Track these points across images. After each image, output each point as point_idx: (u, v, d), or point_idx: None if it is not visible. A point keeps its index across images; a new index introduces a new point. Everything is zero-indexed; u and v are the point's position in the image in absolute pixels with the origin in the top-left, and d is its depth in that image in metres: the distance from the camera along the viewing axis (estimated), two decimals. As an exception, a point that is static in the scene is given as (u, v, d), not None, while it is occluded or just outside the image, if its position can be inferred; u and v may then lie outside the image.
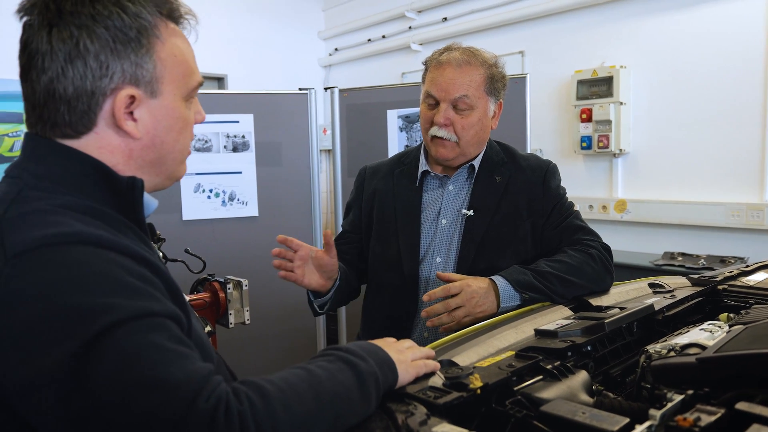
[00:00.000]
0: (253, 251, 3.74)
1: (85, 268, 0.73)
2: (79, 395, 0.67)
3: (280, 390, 0.74)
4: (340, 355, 0.86)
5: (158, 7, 0.89)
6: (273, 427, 0.70)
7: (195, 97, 0.99)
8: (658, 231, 3.67)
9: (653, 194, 3.69)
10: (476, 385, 0.93)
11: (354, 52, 5.76)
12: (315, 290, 1.61)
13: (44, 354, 0.68)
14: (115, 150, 0.89)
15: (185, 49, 0.94)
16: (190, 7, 0.97)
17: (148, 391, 0.67)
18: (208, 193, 3.69)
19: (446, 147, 1.64)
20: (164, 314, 0.76)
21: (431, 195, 1.73)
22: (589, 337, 1.18)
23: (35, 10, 0.85)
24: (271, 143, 3.78)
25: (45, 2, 0.84)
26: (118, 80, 0.85)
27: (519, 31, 4.35)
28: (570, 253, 1.57)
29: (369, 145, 3.79)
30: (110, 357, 0.68)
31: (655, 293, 1.53)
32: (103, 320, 0.69)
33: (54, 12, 0.83)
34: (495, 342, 1.19)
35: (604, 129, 3.74)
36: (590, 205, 3.92)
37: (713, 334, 1.11)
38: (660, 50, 3.61)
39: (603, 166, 3.93)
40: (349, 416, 0.80)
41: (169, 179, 0.99)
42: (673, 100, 3.58)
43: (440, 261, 1.66)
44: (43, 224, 0.76)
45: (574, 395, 0.99)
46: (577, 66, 3.91)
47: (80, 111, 0.85)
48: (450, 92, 1.61)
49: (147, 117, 0.89)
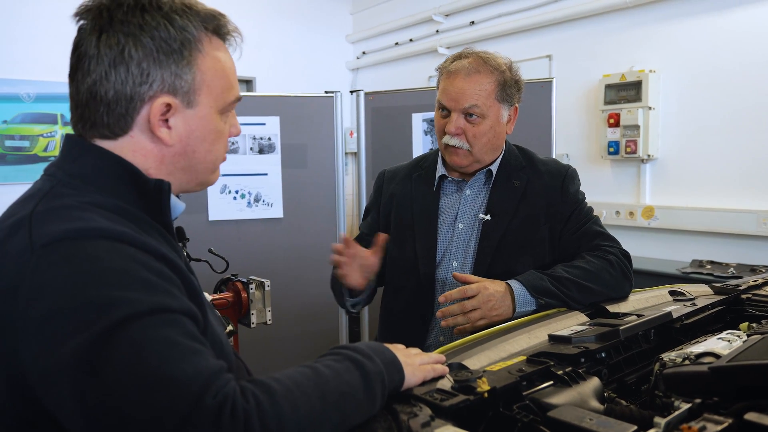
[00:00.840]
0: (277, 252, 3.78)
1: (105, 263, 0.76)
2: (91, 386, 0.69)
3: (286, 389, 0.75)
4: (347, 354, 0.87)
5: (204, 23, 0.93)
6: (279, 425, 0.71)
7: (232, 111, 1.02)
8: (686, 238, 3.60)
9: (682, 201, 3.62)
10: (483, 388, 0.92)
11: (381, 56, 5.78)
12: (353, 288, 1.63)
13: (62, 344, 0.71)
14: (148, 154, 0.92)
15: (227, 65, 0.97)
16: (236, 25, 1.01)
17: (158, 385, 0.69)
18: (234, 194, 3.74)
19: (459, 155, 1.64)
20: (179, 310, 0.78)
21: (449, 199, 1.73)
22: (603, 343, 1.16)
23: (90, 15, 0.89)
24: (297, 145, 3.82)
25: (99, 8, 0.89)
26: (157, 88, 0.89)
27: (547, 35, 4.32)
28: (588, 259, 1.56)
29: (394, 148, 3.80)
30: (123, 349, 0.70)
31: (676, 301, 1.50)
32: (119, 313, 0.72)
33: (106, 18, 0.87)
34: (507, 346, 1.18)
35: (632, 134, 3.68)
36: (617, 211, 3.86)
37: (731, 344, 1.09)
38: (691, 54, 3.55)
39: (630, 172, 3.87)
40: (354, 415, 0.80)
41: (200, 185, 1.02)
42: (703, 105, 3.51)
43: (456, 265, 1.65)
44: (69, 219, 0.80)
45: (584, 402, 0.98)
46: (606, 70, 3.86)
47: (118, 114, 0.89)
48: (460, 102, 1.61)
49: (181, 126, 0.92)
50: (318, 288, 3.90)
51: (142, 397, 0.68)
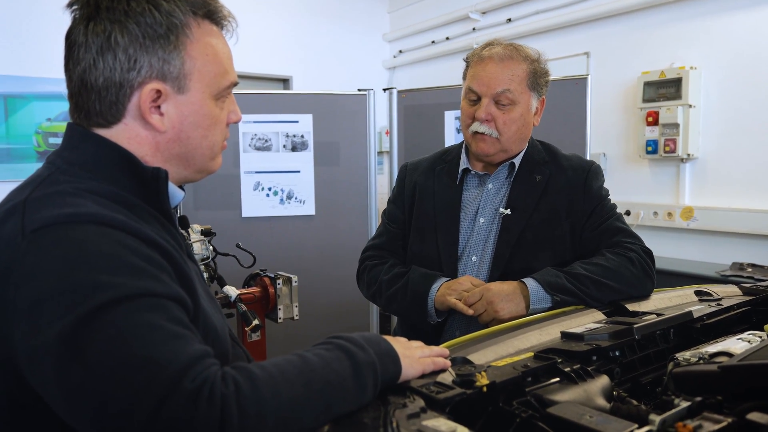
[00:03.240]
0: (308, 250, 3.80)
1: (92, 247, 0.77)
2: (73, 367, 0.70)
3: (269, 375, 0.75)
4: (339, 344, 0.86)
5: (193, 8, 0.93)
6: (258, 411, 0.71)
7: (230, 96, 1.02)
8: (726, 240, 3.47)
9: (722, 201, 3.50)
10: (482, 382, 0.91)
11: (418, 54, 5.76)
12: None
13: (48, 326, 0.72)
14: (142, 141, 0.93)
15: (219, 49, 0.97)
16: (230, 11, 1.00)
17: (136, 367, 0.69)
18: (267, 191, 3.77)
19: (487, 142, 1.61)
20: (166, 296, 0.78)
21: (471, 193, 1.71)
22: (617, 341, 1.13)
23: (79, 3, 0.91)
24: (330, 143, 3.83)
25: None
26: (146, 74, 0.89)
27: (584, 32, 4.23)
28: (608, 256, 1.52)
29: (426, 146, 3.76)
30: (105, 332, 0.71)
31: (701, 301, 1.45)
32: (103, 296, 0.73)
33: (93, 7, 0.89)
34: (516, 342, 1.16)
35: (671, 133, 3.58)
36: (655, 212, 3.76)
37: (750, 344, 1.04)
38: (733, 50, 3.43)
39: (669, 172, 3.76)
40: (341, 404, 0.80)
41: (199, 173, 1.02)
42: (745, 103, 3.38)
43: (476, 260, 1.63)
44: (61, 204, 0.81)
45: (590, 400, 0.95)
46: (644, 67, 3.76)
47: (109, 101, 0.90)
48: (492, 87, 1.58)
49: (173, 112, 0.93)
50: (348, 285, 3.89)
51: (120, 379, 0.69)
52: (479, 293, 1.46)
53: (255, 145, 3.61)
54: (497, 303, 1.44)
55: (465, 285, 1.53)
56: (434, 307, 1.57)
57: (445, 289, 1.56)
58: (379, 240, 1.81)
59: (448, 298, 1.53)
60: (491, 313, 1.44)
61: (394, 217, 1.81)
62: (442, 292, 1.55)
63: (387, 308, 1.72)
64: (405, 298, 1.62)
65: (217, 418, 0.68)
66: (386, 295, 1.67)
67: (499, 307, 1.44)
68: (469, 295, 1.47)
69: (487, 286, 1.47)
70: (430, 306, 1.58)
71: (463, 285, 1.53)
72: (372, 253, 1.80)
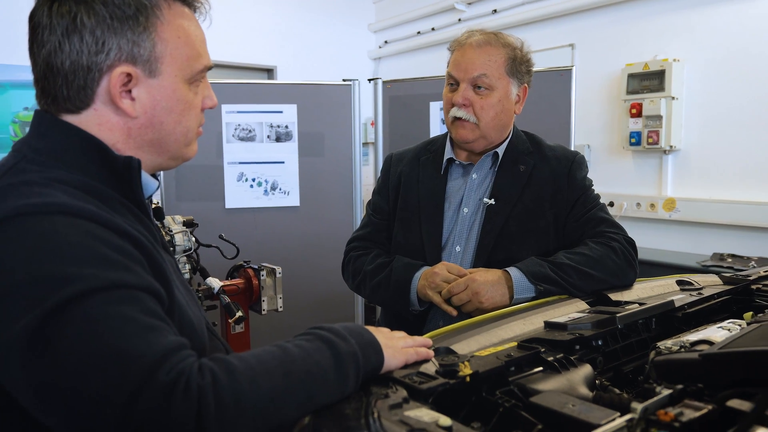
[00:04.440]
0: (293, 241, 3.78)
1: (60, 238, 0.74)
2: (42, 362, 0.68)
3: (248, 366, 0.74)
4: (320, 334, 0.85)
5: None
6: (236, 402, 0.70)
7: (204, 81, 0.99)
8: (708, 231, 3.51)
9: (704, 193, 3.53)
10: (465, 372, 0.90)
11: (403, 45, 5.74)
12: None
13: (14, 320, 0.70)
14: (113, 127, 0.90)
15: (192, 32, 0.94)
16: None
17: (109, 360, 0.67)
18: (251, 182, 3.74)
19: (466, 128, 1.62)
20: (138, 287, 0.76)
21: (455, 183, 1.71)
22: (599, 330, 1.13)
23: None
24: (314, 134, 3.81)
25: None
26: (115, 57, 0.86)
27: (569, 24, 4.24)
28: (591, 246, 1.52)
29: (411, 137, 3.75)
30: (76, 325, 0.69)
31: (682, 290, 1.46)
32: (72, 289, 0.70)
33: None
34: (500, 332, 1.16)
35: (654, 125, 3.60)
36: (638, 203, 3.78)
37: (730, 332, 1.05)
38: (716, 43, 3.45)
39: (652, 163, 3.79)
40: (322, 395, 0.78)
41: (174, 160, 0.99)
42: (727, 96, 3.41)
43: (459, 250, 1.63)
44: (28, 194, 0.78)
45: (573, 389, 0.95)
46: (628, 59, 3.78)
47: (77, 86, 0.87)
48: (469, 71, 1.59)
49: (145, 96, 0.90)
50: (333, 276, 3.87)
51: (92, 372, 0.67)
52: (464, 283, 1.46)
53: (239, 136, 3.58)
54: (482, 293, 1.44)
55: (441, 274, 1.53)
56: (417, 297, 1.57)
57: (423, 281, 1.56)
58: (364, 231, 1.80)
59: (429, 293, 1.53)
60: (476, 303, 1.44)
61: (378, 207, 1.80)
62: (422, 284, 1.55)
63: (371, 298, 1.72)
64: (388, 288, 1.61)
65: (193, 410, 0.67)
66: (370, 286, 1.66)
67: (483, 298, 1.44)
68: (454, 285, 1.47)
69: (472, 277, 1.47)
70: (412, 295, 1.58)
71: (439, 274, 1.53)
72: (357, 244, 1.79)
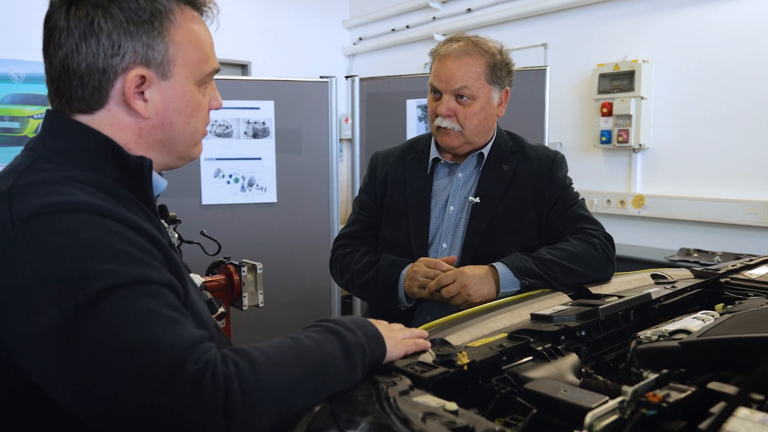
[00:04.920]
0: (270, 237, 3.80)
1: (86, 235, 0.77)
2: (73, 354, 0.71)
3: (267, 357, 0.78)
4: (329, 326, 0.90)
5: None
6: (259, 391, 0.74)
7: (211, 83, 1.02)
8: (675, 227, 3.64)
9: (671, 190, 3.66)
10: (463, 361, 0.96)
11: (378, 42, 5.78)
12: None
13: (45, 313, 0.72)
14: (126, 128, 0.93)
15: (202, 36, 0.97)
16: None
17: (138, 352, 0.70)
18: (228, 178, 3.75)
19: (451, 136, 1.67)
20: (160, 282, 0.79)
21: (441, 182, 1.76)
22: (583, 322, 1.20)
23: None
24: (291, 130, 3.83)
25: None
26: (130, 60, 0.89)
27: (542, 24, 4.34)
28: (572, 242, 1.59)
29: (388, 134, 3.81)
30: (105, 319, 0.72)
31: (657, 284, 1.54)
32: (100, 284, 0.73)
33: None
34: (490, 324, 1.22)
35: (624, 123, 3.72)
36: (608, 199, 3.90)
37: (704, 323, 1.12)
38: (683, 45, 3.57)
39: (622, 161, 3.91)
40: (334, 384, 0.83)
41: (181, 159, 1.02)
42: (694, 96, 3.54)
43: (446, 247, 1.69)
44: (49, 193, 0.81)
45: (561, 376, 1.01)
46: (600, 60, 3.89)
47: (92, 87, 0.89)
48: (450, 83, 1.64)
49: (157, 98, 0.93)
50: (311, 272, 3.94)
51: (123, 364, 0.70)
52: (453, 276, 1.52)
53: (215, 132, 3.58)
54: (471, 286, 1.49)
55: (421, 270, 1.58)
56: (404, 294, 1.63)
57: (407, 280, 1.61)
58: (351, 228, 1.84)
59: (415, 291, 1.59)
60: (464, 296, 1.49)
61: (365, 205, 1.84)
62: (407, 284, 1.61)
63: (360, 295, 1.76)
64: (376, 286, 1.66)
65: (221, 398, 0.70)
66: (358, 284, 1.71)
67: (472, 291, 1.49)
68: (443, 277, 1.52)
69: (461, 270, 1.53)
70: (400, 292, 1.63)
71: (419, 272, 1.59)
72: (344, 241, 1.83)
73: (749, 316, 1.00)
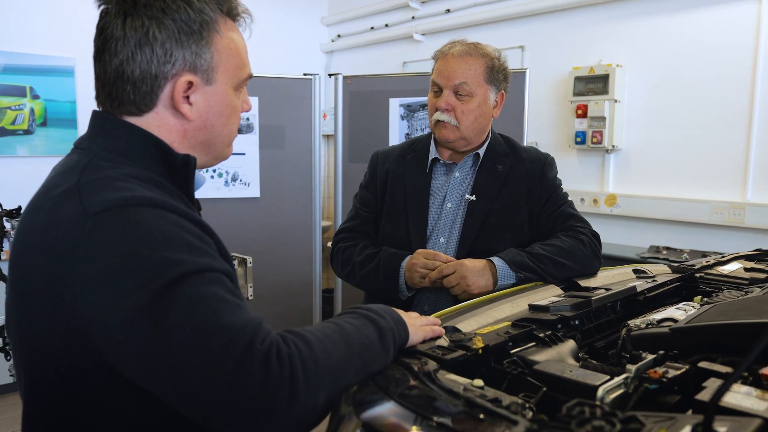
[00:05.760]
0: (253, 232, 3.86)
1: (155, 227, 0.85)
2: (154, 336, 0.78)
3: (319, 339, 0.87)
4: (363, 313, 1.00)
5: (219, 5, 1.01)
6: (315, 369, 0.82)
7: (244, 88, 1.10)
8: (645, 225, 3.81)
9: (642, 190, 3.83)
10: (478, 345, 1.06)
11: (356, 39, 5.84)
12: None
13: (122, 300, 0.80)
14: (171, 129, 1.00)
15: (239, 44, 1.06)
16: (246, 7, 1.09)
17: (214, 333, 0.78)
18: (212, 173, 3.79)
19: (447, 129, 1.78)
20: (221, 270, 0.88)
21: (439, 180, 1.86)
22: (577, 312, 1.31)
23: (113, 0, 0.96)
24: (275, 126, 3.89)
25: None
26: (179, 67, 0.97)
27: (520, 26, 4.46)
28: (562, 238, 1.71)
29: (370, 131, 3.90)
30: (181, 303, 0.80)
31: (639, 278, 1.67)
32: (174, 272, 0.81)
33: (130, 3, 0.95)
34: (493, 313, 1.33)
35: (598, 125, 3.87)
36: (582, 198, 4.05)
37: (686, 312, 1.24)
38: (655, 52, 3.74)
39: (596, 161, 4.07)
40: (373, 364, 0.93)
41: (216, 159, 1.10)
42: (664, 101, 3.71)
43: (443, 241, 1.79)
44: (116, 189, 0.88)
45: (562, 360, 1.12)
46: (575, 63, 4.03)
47: (144, 92, 0.97)
48: (451, 79, 1.75)
49: (201, 102, 1.01)
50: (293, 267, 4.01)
51: (200, 345, 0.78)
52: (453, 267, 1.62)
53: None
54: (470, 278, 1.60)
55: (419, 262, 1.69)
56: (405, 284, 1.73)
57: (407, 271, 1.71)
58: (352, 223, 1.94)
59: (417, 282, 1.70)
60: (463, 286, 1.60)
61: (366, 201, 1.94)
62: (408, 276, 1.71)
63: (361, 286, 1.86)
64: (378, 277, 1.76)
65: (287, 376, 0.78)
66: (360, 275, 1.80)
67: (471, 281, 1.60)
68: (444, 267, 1.63)
69: (461, 262, 1.64)
70: (401, 283, 1.73)
71: (417, 264, 1.69)
72: (345, 235, 1.92)
73: (729, 306, 1.12)
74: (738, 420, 0.65)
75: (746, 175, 3.39)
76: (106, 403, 0.88)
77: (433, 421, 0.77)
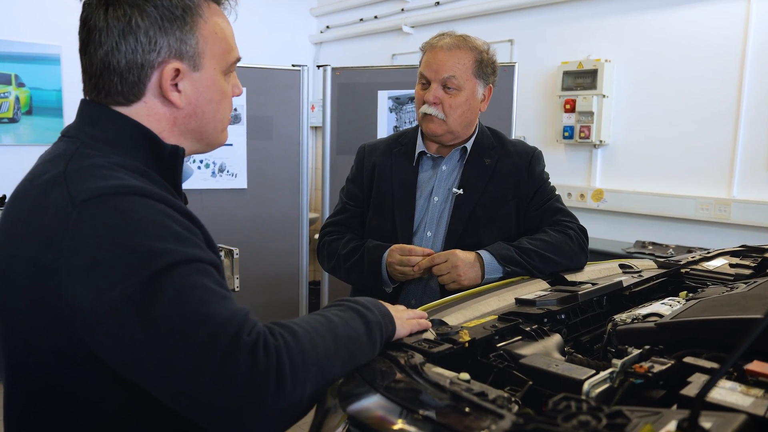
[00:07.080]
0: (241, 223, 3.84)
1: (142, 216, 0.84)
2: (140, 326, 0.77)
3: (306, 331, 0.86)
4: (350, 306, 0.99)
5: None
6: (303, 360, 0.82)
7: (233, 72, 1.08)
8: (631, 220, 3.84)
9: (629, 185, 3.85)
10: (465, 339, 1.06)
11: (345, 31, 5.82)
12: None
13: (110, 289, 0.78)
14: (161, 118, 0.99)
15: (225, 28, 1.04)
16: None
17: (200, 324, 0.78)
18: (199, 163, 3.77)
19: (435, 122, 1.76)
20: (208, 261, 0.87)
21: (426, 174, 1.85)
22: (563, 306, 1.32)
23: None
24: (263, 117, 3.87)
25: None
26: (165, 54, 0.95)
27: (509, 20, 4.46)
28: (549, 233, 1.71)
29: (359, 123, 3.89)
30: (168, 293, 0.79)
31: (625, 273, 1.67)
32: (161, 261, 0.80)
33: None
34: (480, 307, 1.32)
35: (586, 120, 3.88)
36: (569, 192, 4.07)
37: (672, 307, 1.25)
38: (643, 47, 3.75)
39: (583, 156, 4.08)
40: (360, 357, 0.93)
41: (209, 146, 1.09)
42: (652, 96, 3.73)
43: (431, 235, 1.79)
44: (102, 177, 0.87)
45: (548, 354, 1.12)
46: (564, 57, 4.04)
47: (131, 82, 0.95)
48: (439, 72, 1.74)
49: (190, 89, 0.99)
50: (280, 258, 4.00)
51: (186, 335, 0.77)
52: (445, 256, 1.62)
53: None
54: (461, 267, 1.60)
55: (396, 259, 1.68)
56: (388, 276, 1.72)
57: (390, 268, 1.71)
58: (338, 217, 1.92)
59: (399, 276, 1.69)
60: (454, 275, 1.60)
61: (352, 194, 1.92)
62: (390, 271, 1.70)
63: (347, 279, 1.85)
64: (362, 270, 1.75)
65: (273, 366, 0.78)
66: (345, 268, 1.80)
67: (462, 272, 1.60)
68: (436, 255, 1.63)
69: (453, 252, 1.63)
70: (384, 275, 1.73)
71: (393, 262, 1.69)
72: (331, 229, 1.91)
73: (714, 302, 1.13)
74: (723, 415, 0.65)
75: (732, 172, 3.42)
76: (90, 394, 0.87)
77: (419, 414, 0.76)
